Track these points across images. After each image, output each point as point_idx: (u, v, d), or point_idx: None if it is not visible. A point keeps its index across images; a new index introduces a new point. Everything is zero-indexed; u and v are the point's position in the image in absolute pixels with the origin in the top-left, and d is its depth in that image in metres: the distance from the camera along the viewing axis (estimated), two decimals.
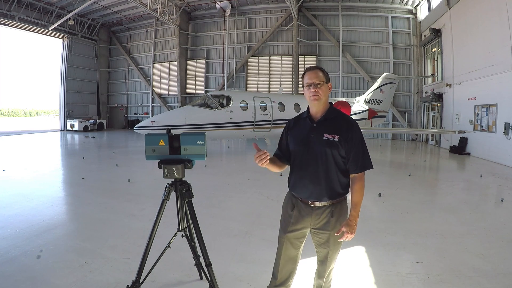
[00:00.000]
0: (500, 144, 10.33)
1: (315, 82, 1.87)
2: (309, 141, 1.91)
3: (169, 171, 2.06)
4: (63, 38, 22.40)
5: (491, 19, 11.05)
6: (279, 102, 12.13)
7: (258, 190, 6.09)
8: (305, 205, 1.96)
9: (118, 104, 25.59)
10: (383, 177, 7.84)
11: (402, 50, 19.50)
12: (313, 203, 1.93)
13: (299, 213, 1.98)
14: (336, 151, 1.86)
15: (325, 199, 1.90)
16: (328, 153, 1.86)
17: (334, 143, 1.85)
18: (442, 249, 3.49)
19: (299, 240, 2.04)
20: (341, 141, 1.86)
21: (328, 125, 1.90)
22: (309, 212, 1.95)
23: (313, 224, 1.96)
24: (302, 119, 2.02)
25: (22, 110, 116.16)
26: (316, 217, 1.94)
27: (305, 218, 1.96)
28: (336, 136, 1.86)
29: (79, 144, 14.80)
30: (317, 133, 1.90)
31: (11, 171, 7.67)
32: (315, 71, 1.92)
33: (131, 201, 5.27)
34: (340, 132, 1.87)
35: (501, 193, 6.45)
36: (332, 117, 1.93)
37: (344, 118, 1.95)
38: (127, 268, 2.91)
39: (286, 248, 2.03)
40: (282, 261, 2.06)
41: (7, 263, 2.99)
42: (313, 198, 1.91)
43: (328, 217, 1.92)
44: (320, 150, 1.87)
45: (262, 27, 21.24)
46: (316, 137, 1.89)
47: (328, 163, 1.87)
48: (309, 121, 1.97)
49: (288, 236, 2.02)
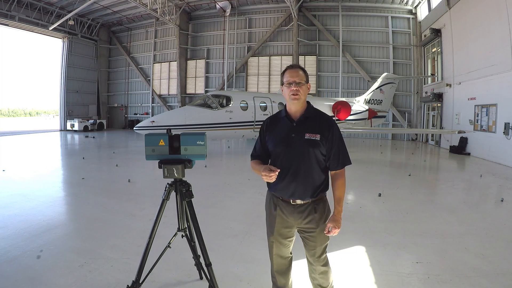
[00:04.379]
0: (500, 144, 10.32)
1: (296, 81, 1.86)
2: (290, 141, 1.89)
3: (169, 171, 2.06)
4: (63, 38, 22.40)
5: (491, 19, 11.04)
6: (279, 102, 12.13)
7: (258, 190, 6.09)
8: (287, 204, 1.96)
9: (118, 104, 25.59)
10: (383, 177, 7.84)
11: (402, 50, 19.50)
12: (295, 201, 1.93)
13: (282, 212, 1.98)
14: (318, 149, 1.87)
15: (307, 197, 1.91)
16: (310, 152, 1.87)
17: (316, 142, 1.86)
18: (442, 249, 3.49)
19: (287, 239, 2.05)
20: (323, 140, 1.87)
21: (309, 124, 1.90)
22: (291, 211, 1.95)
23: (297, 222, 1.97)
24: (280, 118, 2.00)
25: (22, 110, 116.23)
26: (299, 215, 1.94)
27: (288, 217, 1.97)
28: (317, 135, 1.87)
29: (79, 144, 14.79)
30: (298, 133, 1.89)
31: (11, 171, 7.67)
32: (297, 69, 1.90)
33: (131, 201, 5.26)
34: (321, 131, 1.88)
35: (501, 193, 6.45)
36: (312, 116, 1.94)
37: (323, 117, 1.96)
38: (127, 268, 2.91)
39: (277, 247, 2.06)
40: (275, 260, 2.08)
41: (7, 263, 2.99)
42: (295, 196, 1.92)
43: (312, 215, 1.94)
44: (302, 149, 1.87)
45: (262, 27, 21.24)
46: (297, 137, 1.89)
47: (310, 162, 1.88)
48: (288, 120, 1.95)
49: (275, 236, 2.03)
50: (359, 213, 4.81)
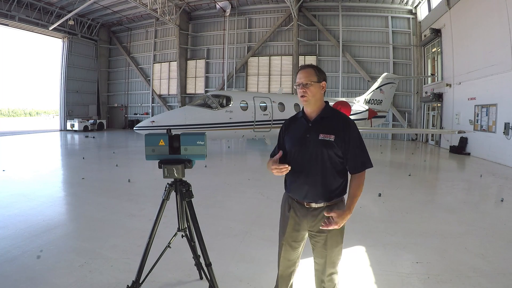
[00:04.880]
0: (500, 144, 10.32)
1: (303, 82, 1.84)
2: (305, 141, 1.87)
3: (169, 171, 2.06)
4: (63, 38, 22.40)
5: (491, 19, 11.04)
6: (279, 102, 12.14)
7: (258, 190, 6.09)
8: (301, 206, 1.92)
9: (118, 104, 25.58)
10: (383, 177, 7.84)
11: (402, 50, 19.49)
12: (309, 204, 1.89)
13: (295, 214, 1.95)
14: (332, 151, 1.81)
15: (320, 200, 1.86)
16: (324, 153, 1.81)
17: (330, 143, 1.81)
18: (442, 249, 3.49)
19: (297, 242, 2.01)
20: (337, 141, 1.81)
21: (324, 124, 1.86)
22: (304, 213, 1.91)
23: (309, 226, 1.92)
24: (298, 118, 1.99)
25: (22, 110, 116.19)
26: (312, 218, 1.89)
27: (302, 219, 1.93)
28: (331, 136, 1.81)
29: (79, 144, 14.79)
30: (313, 133, 1.85)
31: (11, 171, 7.67)
32: (306, 70, 1.88)
33: (131, 201, 5.26)
34: (336, 131, 1.82)
35: (501, 193, 6.45)
36: (328, 116, 1.89)
37: (340, 117, 1.90)
38: (127, 268, 2.91)
39: (286, 250, 2.02)
40: (282, 262, 2.06)
41: (7, 263, 2.98)
42: (309, 199, 1.87)
43: (324, 219, 1.86)
44: (316, 150, 1.83)
45: (262, 27, 21.23)
46: (311, 137, 1.85)
47: (324, 163, 1.83)
48: (304, 120, 1.93)
49: (286, 238, 2.00)
50: (359, 213, 4.80)
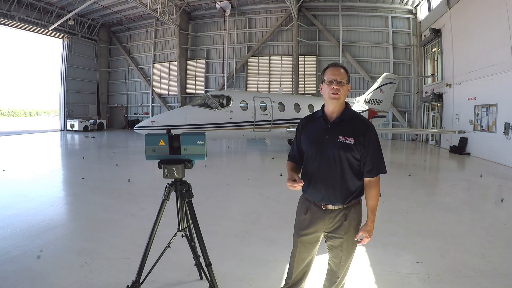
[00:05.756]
0: (500, 144, 10.33)
1: (338, 79, 1.76)
2: (323, 142, 1.82)
3: (169, 171, 2.06)
4: (63, 38, 22.39)
5: (491, 19, 11.05)
6: (279, 102, 12.13)
7: (258, 190, 6.09)
8: (318, 209, 1.89)
9: (118, 104, 25.58)
10: (383, 177, 7.81)
11: (402, 50, 19.50)
12: (326, 206, 1.86)
13: (311, 216, 1.92)
14: (351, 154, 1.78)
15: (338, 202, 1.84)
16: (342, 155, 1.78)
17: (349, 146, 1.77)
18: (442, 249, 3.49)
19: (312, 244, 1.99)
20: (357, 144, 1.78)
21: (344, 126, 1.82)
22: (321, 215, 1.88)
23: (326, 228, 1.90)
24: (316, 118, 1.93)
25: (22, 110, 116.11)
26: (329, 220, 1.87)
27: (318, 221, 1.90)
28: (351, 139, 1.77)
29: (79, 144, 14.79)
30: (332, 135, 1.81)
31: (11, 171, 7.67)
32: (339, 68, 1.81)
33: (131, 201, 5.26)
34: (356, 134, 1.78)
35: (501, 193, 6.45)
36: (348, 118, 1.84)
37: (360, 120, 1.86)
38: (127, 268, 2.91)
39: (300, 251, 2.00)
40: (296, 263, 2.04)
41: (7, 263, 2.98)
42: (326, 201, 1.85)
43: (341, 221, 1.85)
44: (334, 152, 1.79)
45: (262, 27, 21.23)
46: (330, 139, 1.81)
47: (342, 165, 1.80)
48: (323, 121, 1.87)
49: (301, 239, 1.98)
50: None
